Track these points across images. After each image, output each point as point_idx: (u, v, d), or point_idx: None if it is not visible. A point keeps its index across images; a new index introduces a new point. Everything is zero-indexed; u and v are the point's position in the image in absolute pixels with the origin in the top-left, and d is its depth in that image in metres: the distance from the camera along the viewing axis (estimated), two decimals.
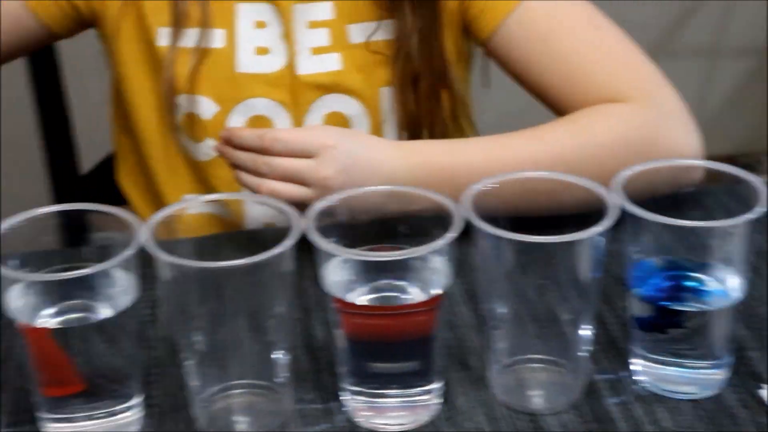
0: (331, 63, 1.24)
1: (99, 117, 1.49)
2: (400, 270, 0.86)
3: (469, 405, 0.90)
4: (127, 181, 1.36)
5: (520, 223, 0.86)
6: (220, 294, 0.84)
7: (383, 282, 0.87)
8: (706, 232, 0.87)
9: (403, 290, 0.86)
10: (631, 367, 0.93)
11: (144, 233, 0.84)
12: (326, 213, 0.88)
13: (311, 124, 1.22)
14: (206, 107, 1.23)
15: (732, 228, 0.86)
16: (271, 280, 0.84)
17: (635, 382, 0.93)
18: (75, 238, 0.92)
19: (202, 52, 1.22)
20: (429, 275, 0.86)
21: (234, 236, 1.07)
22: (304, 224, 0.85)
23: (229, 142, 1.08)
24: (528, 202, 0.94)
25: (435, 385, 0.89)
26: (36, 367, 0.85)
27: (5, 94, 2.26)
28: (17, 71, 1.56)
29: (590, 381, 0.92)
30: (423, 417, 0.89)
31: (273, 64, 1.23)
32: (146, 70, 1.25)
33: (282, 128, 1.20)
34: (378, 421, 0.89)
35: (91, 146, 1.60)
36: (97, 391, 0.86)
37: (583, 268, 0.85)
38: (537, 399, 0.90)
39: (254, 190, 1.07)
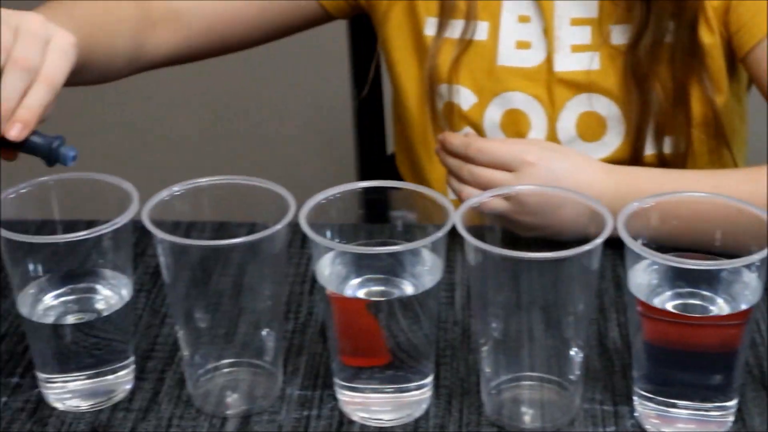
0: (590, 62, 1.22)
1: None
2: (708, 281, 0.84)
3: (764, 427, 0.88)
4: (401, 166, 1.38)
5: None
6: (521, 284, 0.84)
7: (688, 290, 0.85)
8: None
9: (711, 301, 0.85)
10: None
11: (455, 217, 0.84)
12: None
13: (519, 138, 1.21)
14: (465, 97, 1.24)
15: None
16: (573, 277, 0.83)
17: None
18: (378, 214, 0.93)
19: (465, 44, 1.23)
20: (739, 289, 0.84)
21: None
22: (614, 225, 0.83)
23: (444, 145, 1.10)
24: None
25: (731, 402, 0.87)
26: (343, 336, 0.87)
27: (327, 81, 2.33)
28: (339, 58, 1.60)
29: None
30: None
31: (532, 58, 1.23)
32: (413, 57, 1.27)
33: (489, 139, 1.20)
34: (667, 430, 0.87)
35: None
36: (398, 366, 0.87)
37: None
38: None
39: (457, 194, 1.08)
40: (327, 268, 0.86)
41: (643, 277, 0.85)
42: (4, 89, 0.87)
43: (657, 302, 0.85)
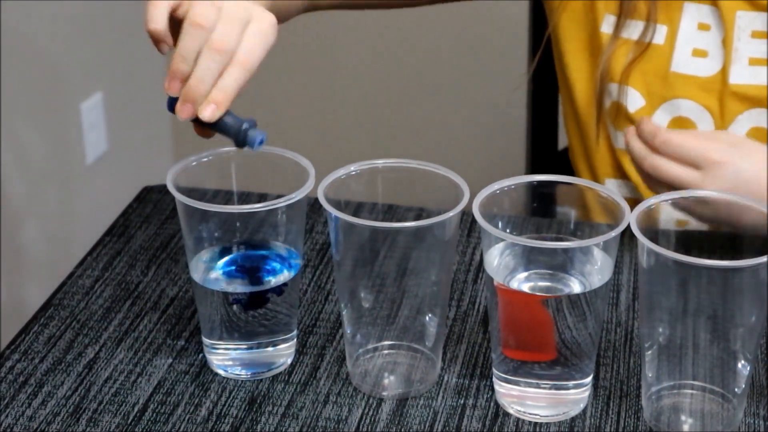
0: (766, 76, 1.19)
1: None
2: None
3: None
4: (573, 158, 1.37)
5: None
6: (690, 290, 0.82)
7: None
8: None
9: None
10: None
11: (631, 218, 0.83)
12: None
13: (707, 131, 1.18)
14: (633, 100, 1.22)
15: None
16: (746, 287, 0.81)
17: None
18: (545, 208, 0.92)
19: (643, 46, 1.21)
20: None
21: (714, 235, 1.04)
22: None
23: (637, 129, 1.08)
24: None
25: None
26: (508, 329, 0.87)
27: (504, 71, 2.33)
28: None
29: None
30: None
31: (708, 68, 1.20)
32: (586, 52, 1.25)
33: (678, 131, 1.16)
34: None
35: None
36: (561, 362, 0.87)
37: None
38: None
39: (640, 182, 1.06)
40: (496, 259, 0.86)
41: None
42: (200, 70, 0.89)
43: None
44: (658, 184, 1.06)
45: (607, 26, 1.23)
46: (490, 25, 2.30)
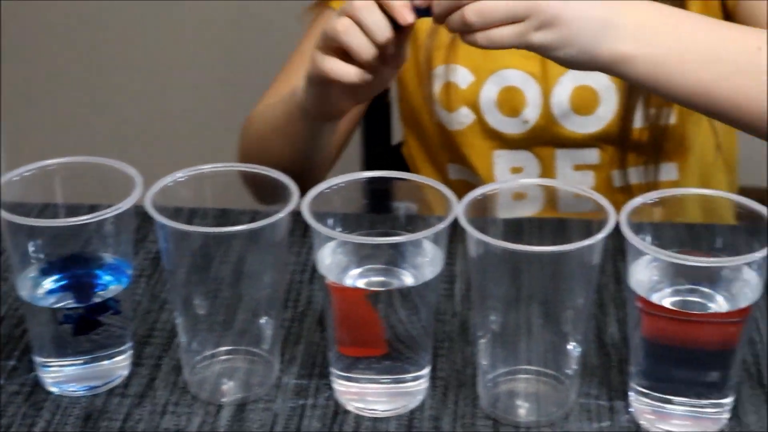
0: None
1: None
2: (708, 278, 0.85)
3: (759, 425, 0.88)
4: (409, 151, 1.39)
5: None
6: (521, 277, 0.84)
7: (688, 287, 0.85)
8: None
9: (710, 298, 0.85)
10: None
11: (458, 209, 0.84)
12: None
13: None
14: (463, 76, 1.24)
15: None
16: (574, 271, 0.83)
17: None
18: (381, 204, 0.93)
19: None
20: (739, 287, 0.84)
21: (544, 222, 1.06)
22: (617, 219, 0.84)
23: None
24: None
25: (727, 400, 0.87)
26: (341, 326, 0.87)
27: None
28: None
29: None
30: (709, 429, 0.87)
31: None
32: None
33: None
34: (662, 427, 0.87)
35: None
36: (394, 356, 0.87)
37: None
38: None
39: (462, 26, 0.98)
40: (328, 258, 0.86)
41: (643, 273, 0.85)
42: None
43: (656, 298, 0.85)
44: (491, 30, 0.98)
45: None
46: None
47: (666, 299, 0.85)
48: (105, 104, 2.48)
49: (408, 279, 0.86)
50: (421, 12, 0.98)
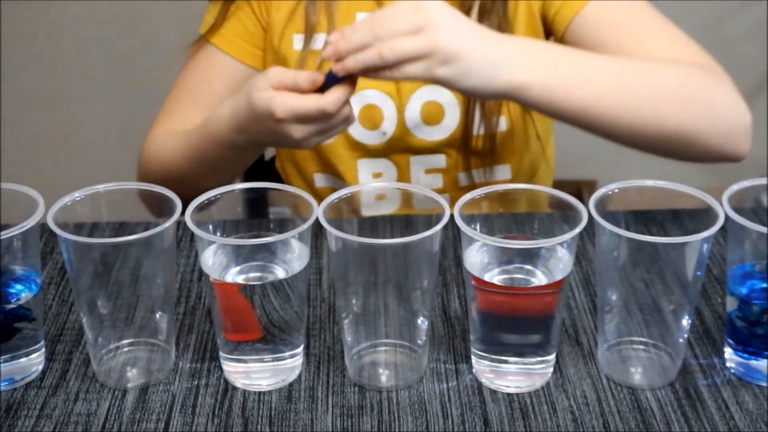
0: None
1: None
2: (529, 257, 0.86)
3: (578, 376, 0.90)
4: (281, 164, 1.38)
5: (636, 223, 0.86)
6: (376, 266, 0.84)
7: (514, 266, 0.86)
8: None
9: (531, 274, 0.86)
10: (725, 356, 0.91)
11: (318, 212, 0.85)
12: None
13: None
14: None
15: None
16: (420, 258, 0.84)
17: (726, 368, 0.91)
18: (257, 211, 0.93)
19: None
20: (554, 263, 0.85)
21: (394, 218, 1.07)
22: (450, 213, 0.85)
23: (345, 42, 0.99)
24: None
25: (550, 357, 0.89)
26: (223, 316, 0.87)
27: None
28: None
29: (685, 364, 0.90)
30: (537, 383, 0.88)
31: None
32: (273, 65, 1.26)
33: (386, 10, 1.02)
34: (499, 383, 0.88)
35: None
36: (271, 339, 0.87)
37: (687, 267, 0.84)
38: (637, 376, 0.89)
39: (379, 59, 0.95)
40: (210, 259, 0.86)
41: (476, 256, 0.86)
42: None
43: (488, 277, 0.86)
44: (403, 65, 0.97)
45: (297, 44, 1.24)
46: None
47: (495, 277, 0.86)
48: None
49: (280, 272, 0.86)
50: (332, 79, 0.97)
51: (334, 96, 0.97)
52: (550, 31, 1.25)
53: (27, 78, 2.37)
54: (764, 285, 0.88)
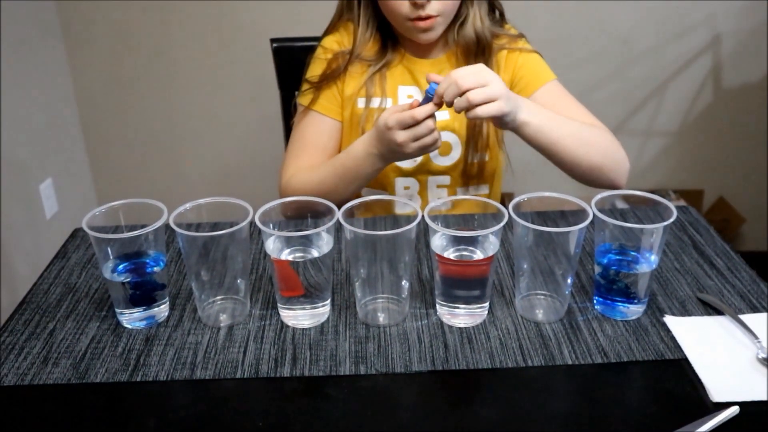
0: (445, 115, 1.21)
1: None
2: (472, 241, 0.86)
3: (503, 315, 0.90)
4: None
5: (538, 219, 0.87)
6: (375, 248, 0.85)
7: (462, 246, 0.86)
8: (640, 231, 0.86)
9: (473, 252, 0.86)
10: (594, 302, 0.92)
11: (339, 214, 0.85)
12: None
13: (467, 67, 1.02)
14: None
15: (654, 230, 0.85)
16: (403, 243, 0.84)
17: (594, 309, 0.91)
18: (302, 213, 0.91)
19: (380, 110, 1.21)
20: (487, 244, 0.86)
21: (385, 218, 1.06)
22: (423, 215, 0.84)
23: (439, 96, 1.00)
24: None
25: (485, 304, 0.89)
26: (279, 280, 0.88)
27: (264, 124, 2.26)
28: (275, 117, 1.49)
29: (569, 307, 0.91)
30: (478, 320, 0.89)
31: None
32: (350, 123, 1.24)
33: (455, 75, 1.00)
34: (454, 321, 0.88)
35: None
36: (309, 295, 0.88)
37: (570, 246, 0.85)
38: (540, 314, 0.89)
39: (467, 103, 0.97)
40: (271, 245, 0.86)
41: (438, 241, 0.87)
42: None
43: (446, 254, 0.86)
44: (482, 106, 0.98)
45: (361, 104, 1.22)
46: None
47: (451, 254, 0.86)
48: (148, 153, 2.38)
49: (315, 253, 0.86)
50: (426, 100, 1.00)
51: (422, 108, 1.00)
52: None
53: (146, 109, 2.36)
54: (617, 258, 0.88)
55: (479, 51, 1.21)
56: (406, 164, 1.24)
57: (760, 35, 2.20)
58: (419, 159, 1.24)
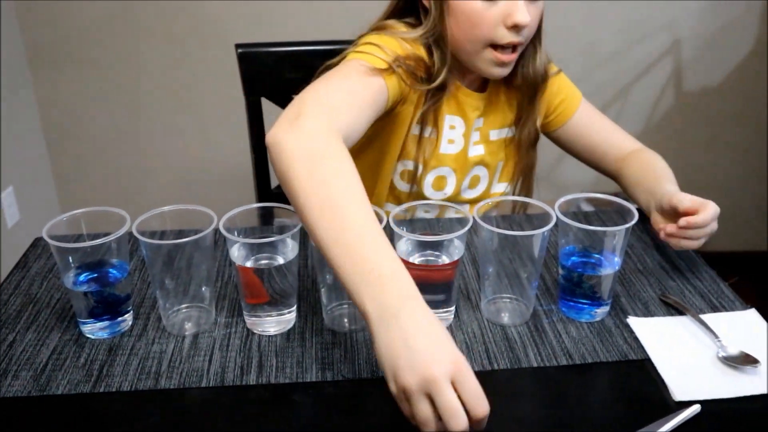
0: (480, 150, 1.19)
1: None
2: (437, 246, 0.86)
3: (469, 319, 0.90)
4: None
5: (503, 223, 0.88)
6: None
7: (428, 251, 0.87)
8: (602, 234, 0.87)
9: (438, 256, 0.87)
10: (559, 304, 0.92)
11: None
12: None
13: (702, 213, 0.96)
14: (412, 167, 1.16)
15: (616, 232, 0.86)
16: None
17: (560, 311, 0.92)
18: (267, 220, 0.91)
19: (431, 141, 1.14)
20: (452, 249, 0.86)
21: None
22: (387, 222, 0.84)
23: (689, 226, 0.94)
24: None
25: (452, 308, 0.89)
26: (244, 288, 0.87)
27: (238, 143, 2.26)
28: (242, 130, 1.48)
29: (535, 309, 0.91)
30: (444, 324, 0.88)
31: (456, 148, 1.17)
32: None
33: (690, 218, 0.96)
34: None
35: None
36: (274, 302, 0.87)
37: (534, 250, 0.85)
38: (506, 318, 0.90)
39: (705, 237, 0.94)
40: (236, 252, 0.86)
41: (404, 246, 0.86)
42: None
43: (412, 259, 0.86)
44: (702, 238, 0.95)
45: (415, 130, 1.13)
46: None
47: (416, 259, 0.86)
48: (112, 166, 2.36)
49: (280, 260, 0.85)
50: None
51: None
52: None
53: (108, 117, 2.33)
54: (581, 260, 0.89)
55: (540, 89, 1.16)
56: (434, 195, 1.18)
57: (719, 39, 2.24)
58: (449, 192, 1.18)
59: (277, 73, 1.35)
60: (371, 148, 1.17)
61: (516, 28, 1.04)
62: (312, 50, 1.36)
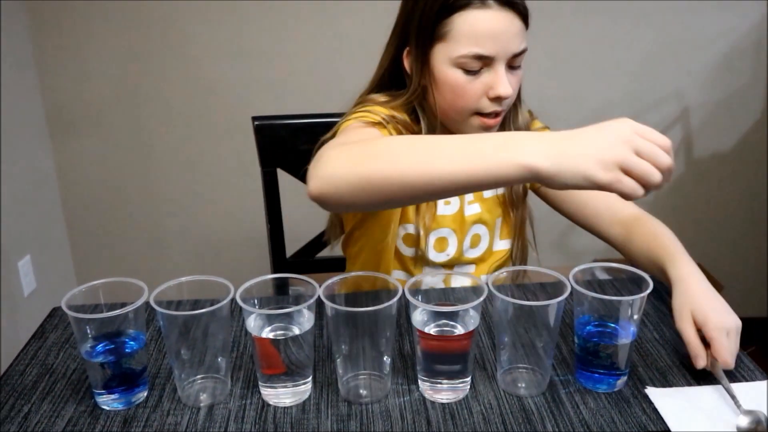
0: (477, 208, 1.20)
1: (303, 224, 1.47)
2: (452, 316, 0.87)
3: (485, 390, 0.90)
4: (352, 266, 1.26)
5: (518, 292, 0.88)
6: (356, 324, 0.84)
7: (443, 321, 0.87)
8: (618, 303, 0.87)
9: (453, 327, 0.87)
10: (576, 374, 0.92)
11: (319, 290, 0.85)
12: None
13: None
14: (410, 230, 1.18)
15: (631, 301, 0.86)
16: (384, 319, 0.84)
17: (576, 381, 0.91)
18: (282, 290, 0.92)
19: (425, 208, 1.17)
20: (468, 319, 0.86)
21: (366, 293, 1.05)
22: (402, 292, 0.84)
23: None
24: None
25: (468, 379, 0.89)
26: (260, 358, 0.87)
27: (253, 217, 2.27)
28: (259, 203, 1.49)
29: (551, 380, 0.91)
30: (460, 395, 0.88)
31: (453, 209, 1.19)
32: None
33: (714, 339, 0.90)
34: (436, 396, 0.88)
35: (292, 241, 1.50)
36: (290, 372, 0.87)
37: (550, 319, 0.85)
38: (522, 388, 0.89)
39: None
40: (252, 322, 0.86)
41: (419, 316, 0.87)
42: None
43: (426, 329, 0.86)
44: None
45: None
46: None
47: (432, 329, 0.86)
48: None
49: (296, 330, 0.85)
50: None
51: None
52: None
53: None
54: (596, 329, 0.88)
55: None
56: (437, 257, 1.19)
57: (727, 107, 2.27)
58: (451, 253, 1.18)
59: (292, 144, 1.38)
60: (373, 216, 1.18)
61: (498, 99, 1.06)
62: (326, 122, 1.37)
